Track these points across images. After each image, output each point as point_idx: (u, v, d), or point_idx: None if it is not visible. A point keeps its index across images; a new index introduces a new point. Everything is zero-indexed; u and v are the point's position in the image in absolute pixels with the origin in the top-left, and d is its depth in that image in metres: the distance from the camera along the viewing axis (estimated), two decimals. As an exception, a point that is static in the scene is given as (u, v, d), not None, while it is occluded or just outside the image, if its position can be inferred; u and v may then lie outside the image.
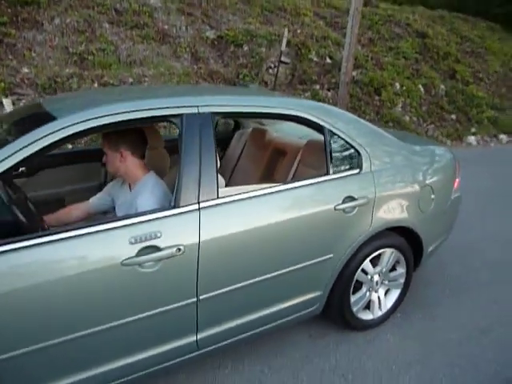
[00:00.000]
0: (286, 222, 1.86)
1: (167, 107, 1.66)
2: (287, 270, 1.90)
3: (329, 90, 9.32)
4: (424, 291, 2.78)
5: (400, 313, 2.54)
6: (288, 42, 9.13)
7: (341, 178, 2.05)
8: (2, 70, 6.18)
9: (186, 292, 1.65)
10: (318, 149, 2.26)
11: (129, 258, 1.48)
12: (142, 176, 1.86)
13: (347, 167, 2.10)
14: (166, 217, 1.58)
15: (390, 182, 2.20)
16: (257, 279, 1.82)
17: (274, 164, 2.67)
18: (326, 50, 9.56)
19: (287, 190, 1.89)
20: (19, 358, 1.36)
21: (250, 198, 1.78)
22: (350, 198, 2.03)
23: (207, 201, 1.66)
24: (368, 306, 2.37)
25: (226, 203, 1.71)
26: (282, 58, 9.22)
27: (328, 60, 9.57)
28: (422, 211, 2.35)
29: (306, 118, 1.99)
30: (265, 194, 1.82)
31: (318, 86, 9.22)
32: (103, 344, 1.54)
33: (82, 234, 1.43)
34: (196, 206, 1.63)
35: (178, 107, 1.67)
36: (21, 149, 1.39)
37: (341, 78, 8.35)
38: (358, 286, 2.28)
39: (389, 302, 2.43)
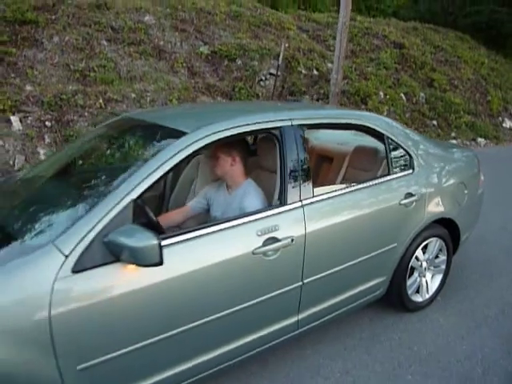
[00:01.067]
0: (363, 216, 2.21)
1: (270, 121, 1.98)
2: (365, 257, 2.25)
3: (318, 100, 9.81)
4: (456, 277, 3.17)
5: (440, 296, 2.92)
6: (277, 56, 9.62)
7: (400, 177, 2.43)
8: (7, 88, 6.29)
9: (294, 276, 1.95)
10: (368, 153, 2.65)
11: (257, 248, 1.78)
12: (243, 180, 2.17)
13: (403, 168, 2.48)
14: (280, 213, 1.89)
15: (435, 180, 2.60)
16: (343, 266, 2.15)
17: (322, 168, 3.02)
18: (313, 62, 10.07)
19: (362, 188, 2.25)
20: (184, 332, 1.64)
21: (334, 196, 2.12)
22: (410, 194, 2.41)
23: (306, 199, 1.99)
24: (418, 290, 2.74)
25: (318, 201, 2.04)
26: (272, 71, 9.69)
27: (315, 72, 10.08)
28: (459, 205, 2.76)
29: (370, 127, 2.37)
30: (345, 193, 2.17)
31: (307, 97, 9.68)
32: (234, 324, 1.82)
33: (223, 229, 1.73)
34: (299, 204, 1.96)
35: (278, 121, 2.00)
36: (163, 163, 1.65)
37: (331, 88, 8.86)
38: (411, 272, 2.65)
39: (434, 285, 2.82)
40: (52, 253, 1.40)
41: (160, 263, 1.40)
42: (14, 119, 6.17)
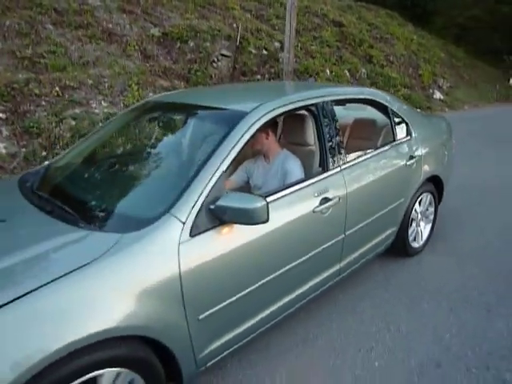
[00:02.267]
0: (383, 176, 2.65)
1: (309, 98, 2.32)
2: (384, 210, 2.70)
3: (269, 79, 10.18)
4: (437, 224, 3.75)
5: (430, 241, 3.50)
6: (228, 36, 9.79)
7: (402, 142, 2.91)
8: None
9: (340, 230, 2.34)
10: (367, 124, 3.09)
11: (316, 207, 2.14)
12: (280, 150, 2.48)
13: (403, 135, 2.96)
14: (326, 177, 2.26)
15: (426, 143, 3.11)
16: (371, 219, 2.58)
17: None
18: (262, 42, 10.38)
19: (379, 154, 2.68)
20: (273, 279, 1.96)
21: (360, 162, 2.53)
22: (411, 157, 2.89)
23: (343, 165, 2.37)
24: (415, 238, 3.28)
25: (350, 166, 2.44)
26: (223, 52, 9.86)
27: (264, 51, 10.40)
28: (442, 164, 3.33)
29: (376, 101, 2.81)
30: (366, 159, 2.59)
31: (259, 76, 10.00)
32: (302, 272, 2.17)
33: (293, 191, 2.06)
34: (339, 169, 2.34)
35: (314, 98, 2.34)
36: (235, 145, 1.90)
37: (284, 67, 9.27)
38: (410, 223, 3.16)
39: (425, 233, 3.38)
40: (172, 221, 1.63)
41: (267, 221, 1.70)
42: (-34, 112, 5.83)
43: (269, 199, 1.84)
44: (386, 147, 2.78)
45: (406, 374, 2.11)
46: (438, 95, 12.67)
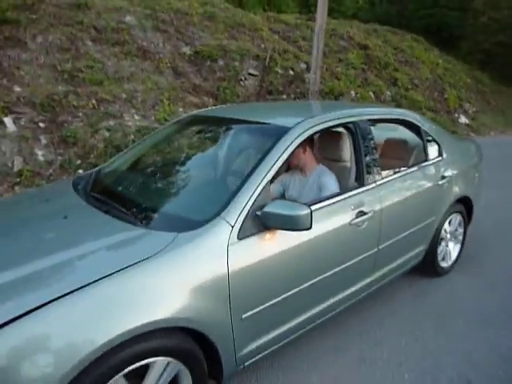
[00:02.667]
0: (415, 194, 2.75)
1: (348, 116, 2.46)
2: (415, 228, 2.78)
3: (294, 99, 10.40)
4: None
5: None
6: (257, 56, 10.11)
7: (435, 162, 3.00)
8: (-4, 90, 6.27)
9: (374, 243, 2.44)
10: (399, 144, 3.20)
11: (353, 220, 2.25)
12: (316, 165, 2.61)
13: (435, 155, 3.06)
14: (363, 191, 2.37)
15: (458, 165, 3.21)
16: (402, 235, 2.67)
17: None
18: (289, 62, 10.65)
19: (412, 172, 2.79)
20: (311, 285, 2.08)
21: (394, 179, 2.64)
22: (443, 176, 2.99)
23: (378, 180, 2.49)
24: (443, 257, 3.33)
25: (385, 183, 2.55)
26: (251, 71, 10.16)
27: (291, 72, 10.67)
28: (472, 185, 3.40)
29: (410, 122, 2.93)
30: (400, 176, 2.69)
31: (284, 96, 10.24)
32: (331, 283, 2.27)
33: (332, 203, 2.18)
34: (374, 184, 2.45)
35: (353, 116, 2.48)
36: (279, 157, 2.04)
37: (310, 87, 9.47)
38: (439, 242, 3.22)
39: (454, 253, 3.43)
40: (222, 224, 1.77)
41: (310, 228, 1.81)
42: (8, 120, 6.17)
43: (313, 208, 1.96)
44: (419, 166, 2.88)
45: (436, 388, 2.16)
46: (463, 119, 12.67)
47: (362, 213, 2.30)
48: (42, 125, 6.36)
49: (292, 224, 1.79)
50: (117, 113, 7.02)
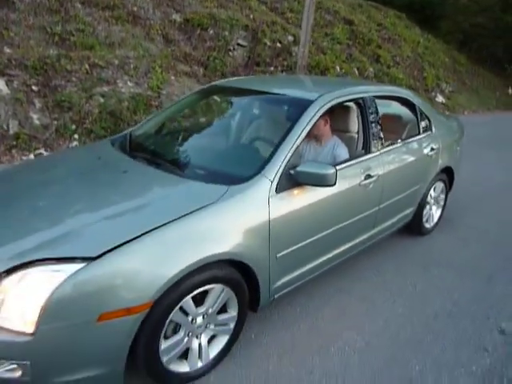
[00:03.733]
0: (410, 162, 3.23)
1: (358, 92, 2.88)
2: (408, 191, 3.28)
3: (282, 71, 10.68)
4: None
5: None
6: (246, 26, 10.27)
7: (426, 136, 3.49)
8: (-15, 50, 6.28)
9: (376, 202, 2.90)
10: (394, 119, 3.66)
11: (362, 181, 2.70)
12: (332, 136, 3.03)
13: (426, 129, 3.54)
14: (369, 158, 2.82)
15: (443, 139, 3.71)
16: (398, 197, 3.16)
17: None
18: (277, 34, 10.86)
19: (408, 143, 3.26)
20: (331, 232, 2.53)
21: (393, 149, 3.10)
22: (432, 148, 3.48)
23: (381, 149, 2.94)
24: (427, 219, 3.86)
25: (386, 151, 3.00)
26: (240, 42, 10.34)
27: (278, 44, 10.89)
28: (454, 157, 3.93)
29: (406, 99, 3.38)
30: (398, 147, 3.16)
31: (272, 68, 10.50)
32: (345, 232, 2.73)
33: (345, 167, 2.61)
34: (378, 153, 2.90)
35: (362, 92, 2.91)
36: (306, 125, 2.44)
37: (298, 61, 9.77)
38: (424, 205, 3.75)
39: (436, 216, 3.98)
40: (264, 179, 2.17)
41: (334, 184, 2.25)
42: (0, 82, 6.24)
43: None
44: (413, 138, 3.36)
45: (424, 319, 2.71)
46: (440, 99, 13.34)
47: (369, 176, 2.76)
48: (35, 88, 6.44)
49: (321, 181, 2.21)
50: (110, 79, 7.14)
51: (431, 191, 3.70)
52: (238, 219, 2.04)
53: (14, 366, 1.57)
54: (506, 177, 6.20)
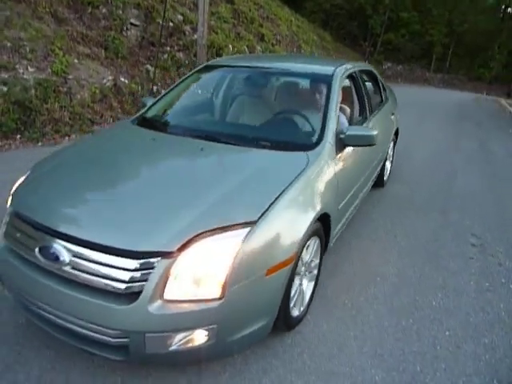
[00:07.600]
0: (384, 124, 3.90)
1: (352, 67, 3.39)
2: (383, 149, 3.99)
3: (179, 51, 10.70)
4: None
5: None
6: (137, 5, 9.96)
7: (387, 103, 4.22)
8: None
9: (375, 157, 3.54)
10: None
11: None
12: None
13: (384, 98, 4.28)
14: (366, 122, 3.39)
15: (394, 105, 4.51)
16: (381, 154, 3.85)
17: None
18: (167, 13, 10.74)
19: (383, 109, 3.94)
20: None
21: (376, 113, 3.72)
22: (392, 113, 4.25)
23: (371, 115, 3.51)
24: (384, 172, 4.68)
25: (372, 117, 3.60)
26: (132, 21, 10.03)
27: (170, 23, 10.82)
28: (396, 121, 4.81)
29: (372, 72, 4.04)
30: (378, 113, 3.80)
31: (168, 48, 10.45)
32: (360, 185, 3.25)
33: None
34: (369, 117, 3.50)
35: (355, 67, 3.44)
36: (337, 96, 2.83)
37: (198, 41, 9.92)
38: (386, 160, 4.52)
39: (389, 169, 4.82)
40: (328, 144, 2.51)
41: (375, 144, 2.75)
42: None
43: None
44: (383, 106, 4.06)
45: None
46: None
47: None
48: None
49: (367, 141, 2.68)
50: (8, 64, 6.42)
51: (391, 147, 4.51)
52: (322, 177, 2.39)
53: (205, 332, 1.74)
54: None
